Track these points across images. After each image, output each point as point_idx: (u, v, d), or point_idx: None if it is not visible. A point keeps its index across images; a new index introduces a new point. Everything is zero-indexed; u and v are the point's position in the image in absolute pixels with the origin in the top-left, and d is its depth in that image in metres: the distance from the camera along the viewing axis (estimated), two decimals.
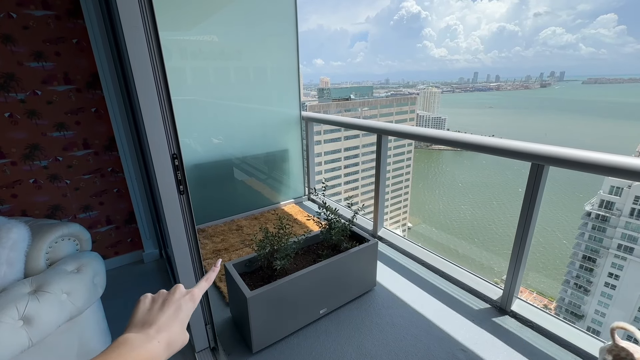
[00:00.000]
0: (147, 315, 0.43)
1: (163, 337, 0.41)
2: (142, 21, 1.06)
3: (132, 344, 0.38)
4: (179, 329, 0.44)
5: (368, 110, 42.02)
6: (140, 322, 0.42)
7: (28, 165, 2.02)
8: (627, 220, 18.35)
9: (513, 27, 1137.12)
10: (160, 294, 0.47)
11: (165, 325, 0.42)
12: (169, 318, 0.43)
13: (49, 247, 1.46)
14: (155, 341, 0.40)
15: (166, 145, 1.20)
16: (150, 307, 0.45)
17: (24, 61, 1.89)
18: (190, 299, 0.47)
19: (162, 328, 0.42)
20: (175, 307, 0.45)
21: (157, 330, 0.41)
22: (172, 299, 0.46)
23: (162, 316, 0.43)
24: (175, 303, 0.45)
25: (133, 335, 0.40)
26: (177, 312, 0.45)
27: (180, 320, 0.44)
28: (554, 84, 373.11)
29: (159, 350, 0.40)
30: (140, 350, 0.38)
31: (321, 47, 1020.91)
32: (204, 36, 2.64)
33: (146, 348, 0.39)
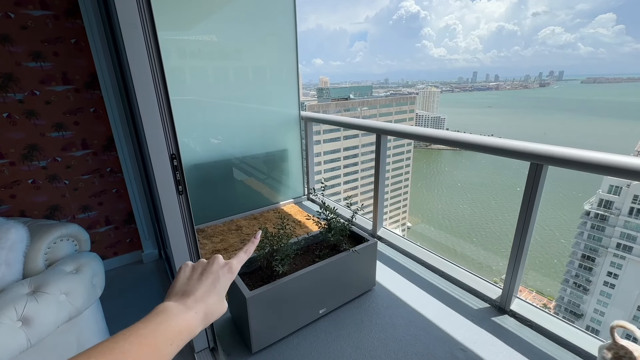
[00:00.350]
0: (186, 285, 0.44)
1: (201, 308, 0.42)
2: (140, 20, 1.06)
3: (171, 313, 0.38)
4: (216, 300, 0.44)
5: (367, 110, 42.02)
6: (179, 292, 0.43)
7: (27, 165, 2.01)
8: (626, 219, 18.39)
9: (512, 27, 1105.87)
10: (200, 264, 0.47)
11: (203, 296, 0.43)
12: (207, 289, 0.44)
13: (48, 247, 1.46)
14: (192, 311, 0.41)
15: (165, 146, 1.19)
16: (189, 276, 0.45)
17: (22, 61, 1.88)
18: (228, 270, 0.47)
19: (199, 299, 0.42)
20: (213, 278, 0.45)
21: (195, 301, 0.42)
22: (211, 269, 0.46)
23: (201, 287, 0.43)
24: (214, 274, 0.46)
25: (172, 304, 0.40)
26: (215, 283, 0.45)
27: (218, 292, 0.45)
28: (552, 84, 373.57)
29: (197, 320, 0.41)
30: (179, 319, 0.38)
31: (320, 46, 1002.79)
32: (203, 36, 2.63)
33: (184, 318, 0.39)
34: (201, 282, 0.44)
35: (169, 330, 0.36)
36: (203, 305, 0.42)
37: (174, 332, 0.37)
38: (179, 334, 0.37)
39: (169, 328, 0.36)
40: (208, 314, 0.43)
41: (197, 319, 0.41)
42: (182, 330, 0.38)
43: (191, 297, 0.42)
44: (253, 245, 0.54)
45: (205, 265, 0.47)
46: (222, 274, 0.47)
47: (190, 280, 0.45)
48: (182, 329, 0.38)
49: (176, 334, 0.37)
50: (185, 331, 0.38)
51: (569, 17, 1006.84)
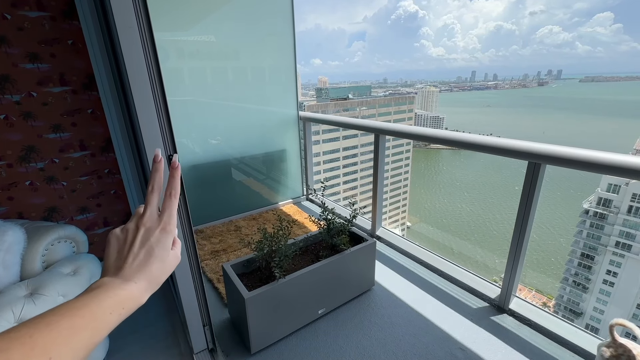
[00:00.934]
0: (118, 259, 0.41)
1: (140, 277, 0.40)
2: (136, 21, 1.05)
3: (107, 286, 0.37)
4: (157, 267, 0.41)
5: (366, 110, 42.05)
6: (113, 267, 0.40)
7: (24, 167, 2.01)
8: (625, 217, 18.43)
9: (510, 26, 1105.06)
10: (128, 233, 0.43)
11: (140, 266, 0.40)
12: (141, 261, 0.41)
13: (45, 249, 1.45)
14: (132, 282, 0.39)
15: (162, 147, 1.19)
16: (119, 249, 0.42)
17: (19, 62, 1.88)
18: (161, 232, 0.43)
19: (136, 270, 0.40)
20: (146, 249, 0.41)
21: (131, 273, 0.39)
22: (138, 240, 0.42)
23: (133, 261, 0.40)
24: (144, 245, 0.42)
25: (108, 278, 0.38)
26: (149, 252, 0.41)
27: (156, 257, 0.42)
28: (551, 83, 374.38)
29: (139, 289, 0.39)
30: (117, 290, 0.37)
31: (319, 46, 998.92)
32: (202, 36, 2.63)
33: (123, 288, 0.37)
34: (133, 256, 0.41)
35: (106, 301, 0.35)
36: (142, 274, 0.40)
37: (113, 302, 0.35)
38: (119, 303, 0.36)
39: (106, 299, 0.35)
40: (153, 279, 0.41)
41: (140, 287, 0.39)
42: (122, 300, 0.36)
43: (126, 269, 0.39)
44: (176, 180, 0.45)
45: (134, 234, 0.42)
46: (155, 239, 0.42)
47: (122, 252, 0.41)
48: (122, 299, 0.37)
49: (115, 304, 0.35)
50: (126, 300, 0.37)
51: (567, 16, 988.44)
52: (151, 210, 0.44)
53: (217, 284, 2.07)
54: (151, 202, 0.44)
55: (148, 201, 0.44)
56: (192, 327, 1.50)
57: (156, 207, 0.45)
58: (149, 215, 0.44)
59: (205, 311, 1.50)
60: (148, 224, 0.43)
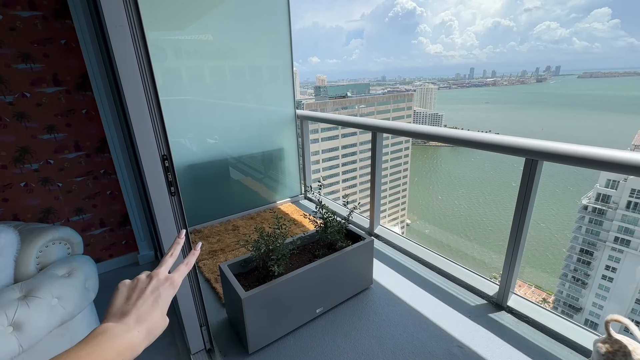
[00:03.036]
0: (125, 305, 0.42)
1: (143, 327, 0.41)
2: (127, 20, 1.04)
3: (111, 333, 0.38)
4: (159, 317, 0.43)
5: (365, 108, 42.00)
6: (118, 313, 0.42)
7: (18, 168, 1.99)
8: (623, 213, 18.48)
9: (508, 23, 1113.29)
10: (138, 282, 0.46)
11: (145, 314, 0.42)
12: (148, 307, 0.43)
13: (39, 251, 1.44)
14: (134, 331, 0.40)
15: (155, 147, 1.18)
16: (127, 295, 0.44)
17: (11, 63, 1.85)
18: (170, 285, 0.46)
19: (141, 317, 0.41)
20: (154, 296, 0.44)
21: (136, 320, 0.41)
22: (151, 287, 0.45)
23: (142, 306, 0.42)
24: (154, 292, 0.44)
25: (112, 324, 0.39)
26: (157, 300, 0.44)
27: (160, 307, 0.44)
28: (549, 79, 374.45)
29: (139, 339, 0.40)
30: (120, 339, 0.38)
31: (316, 45, 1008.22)
32: (198, 35, 2.61)
33: (126, 337, 0.38)
34: (142, 300, 0.43)
35: (108, 352, 0.36)
36: (145, 324, 0.41)
37: (115, 353, 0.36)
38: (120, 355, 0.37)
39: (109, 349, 0.36)
40: (151, 331, 0.42)
41: (140, 337, 0.40)
42: (122, 351, 0.37)
43: (132, 317, 0.41)
44: (194, 257, 0.52)
45: (145, 283, 0.45)
46: (164, 289, 0.45)
47: (130, 299, 0.43)
48: (123, 349, 0.37)
49: (116, 354, 0.36)
50: (126, 351, 0.37)
51: (564, 12, 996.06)
52: (165, 268, 0.49)
53: (215, 284, 2.06)
54: (167, 263, 0.49)
55: (164, 262, 0.49)
56: (190, 328, 1.49)
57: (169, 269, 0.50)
58: (163, 270, 0.48)
59: (202, 311, 1.50)
60: (160, 277, 0.47)
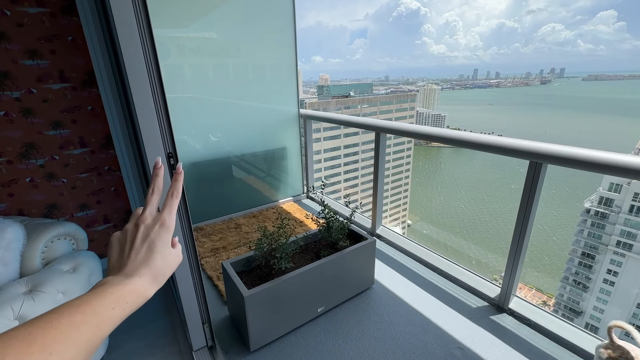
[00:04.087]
0: (120, 259, 0.42)
1: (143, 271, 0.40)
2: (135, 18, 1.04)
3: (110, 283, 0.37)
4: (160, 262, 0.42)
5: (368, 108, 41.96)
6: (115, 267, 0.41)
7: (24, 164, 2.01)
8: (626, 217, 18.39)
9: (512, 24, 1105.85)
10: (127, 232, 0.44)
11: (143, 262, 0.41)
12: (144, 256, 0.42)
13: (45, 246, 1.46)
14: (135, 277, 0.39)
15: (161, 144, 1.19)
16: (120, 249, 0.43)
17: (18, 59, 1.87)
18: (161, 227, 0.44)
19: (139, 265, 0.41)
20: (147, 243, 0.42)
21: (134, 268, 0.40)
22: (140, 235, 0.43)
23: (135, 257, 0.41)
24: (145, 240, 0.43)
25: (110, 277, 0.39)
26: (151, 247, 0.42)
27: (159, 252, 0.43)
28: (554, 81, 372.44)
29: (143, 283, 0.40)
30: (119, 286, 0.37)
31: (320, 44, 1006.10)
32: (203, 33, 2.62)
33: (126, 283, 0.38)
34: (134, 252, 0.42)
35: (107, 297, 0.35)
36: (146, 269, 0.41)
37: (115, 297, 0.36)
38: (122, 298, 0.36)
39: (108, 295, 0.36)
40: (157, 274, 0.41)
41: (143, 281, 0.40)
42: (124, 295, 0.37)
43: (129, 268, 0.40)
44: (178, 183, 0.47)
45: (133, 232, 0.43)
46: (155, 234, 0.43)
47: (122, 252, 0.42)
48: (125, 293, 0.37)
49: (118, 299, 0.36)
50: (129, 294, 0.37)
51: (569, 14, 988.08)
52: (150, 209, 0.45)
53: (217, 282, 2.07)
54: (151, 202, 0.46)
55: (148, 201, 0.46)
56: (192, 325, 1.51)
57: (156, 207, 0.46)
58: (148, 213, 0.45)
59: (204, 309, 1.51)
60: (147, 221, 0.44)
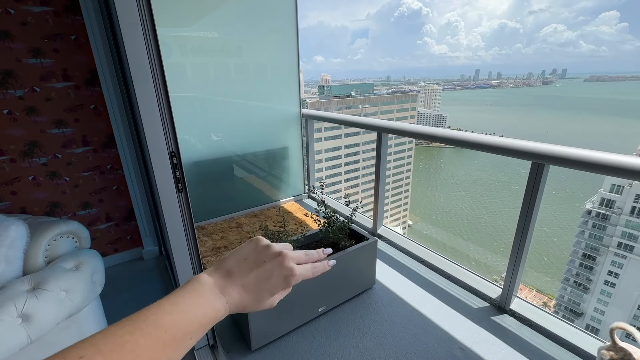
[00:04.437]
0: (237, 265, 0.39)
1: (234, 300, 0.37)
2: (139, 18, 1.05)
3: (201, 291, 0.35)
4: (253, 300, 0.38)
5: (369, 108, 41.94)
6: (226, 269, 0.39)
7: (27, 162, 2.01)
8: (627, 218, 18.35)
9: (514, 24, 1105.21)
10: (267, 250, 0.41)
11: (243, 289, 0.38)
12: (250, 285, 0.38)
13: (48, 244, 1.46)
14: (223, 301, 0.36)
15: (164, 144, 1.19)
16: (247, 256, 0.40)
17: (22, 58, 1.87)
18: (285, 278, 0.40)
19: (237, 291, 0.37)
20: (265, 277, 0.39)
21: (232, 290, 0.37)
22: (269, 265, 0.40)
23: (247, 278, 0.38)
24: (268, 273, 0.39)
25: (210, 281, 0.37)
26: (261, 283, 0.39)
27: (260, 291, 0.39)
28: (555, 82, 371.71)
29: (223, 311, 0.36)
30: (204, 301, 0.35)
31: (321, 43, 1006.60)
32: (205, 32, 2.62)
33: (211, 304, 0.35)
34: (252, 274, 0.39)
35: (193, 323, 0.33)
36: (238, 299, 0.37)
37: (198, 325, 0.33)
38: (202, 327, 0.34)
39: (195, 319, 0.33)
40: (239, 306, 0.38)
41: (225, 310, 0.37)
42: (205, 323, 0.34)
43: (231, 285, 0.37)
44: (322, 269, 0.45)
45: (269, 257, 0.40)
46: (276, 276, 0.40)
47: (245, 262, 0.39)
48: (207, 321, 0.34)
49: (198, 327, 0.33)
50: (208, 323, 0.34)
51: (572, 15, 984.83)
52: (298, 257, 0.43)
53: None
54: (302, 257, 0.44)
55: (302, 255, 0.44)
56: None
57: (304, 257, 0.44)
58: (297, 254, 0.43)
59: None
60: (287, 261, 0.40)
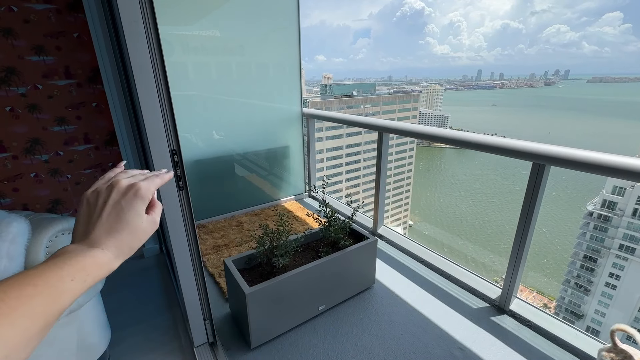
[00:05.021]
0: (87, 224, 0.40)
1: (108, 244, 0.38)
2: (141, 15, 1.05)
3: (70, 253, 0.36)
4: (126, 232, 0.40)
5: (370, 107, 41.90)
6: (81, 233, 0.39)
7: (29, 159, 2.02)
8: (629, 220, 18.28)
9: (517, 25, 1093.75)
10: (99, 194, 0.41)
11: (108, 232, 0.39)
12: (110, 224, 0.39)
13: (49, 241, 1.46)
14: (98, 249, 0.38)
15: (165, 142, 1.19)
16: (88, 212, 0.41)
17: (24, 55, 1.88)
18: (134, 195, 0.41)
19: (104, 235, 0.38)
20: (117, 210, 0.40)
21: (98, 238, 0.38)
22: (111, 200, 0.40)
23: (102, 224, 0.39)
24: (115, 206, 0.40)
25: (73, 246, 0.38)
26: (120, 215, 0.40)
27: (127, 223, 0.40)
28: (558, 83, 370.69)
29: (107, 255, 0.38)
30: (80, 257, 0.36)
31: (323, 43, 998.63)
32: (206, 31, 2.62)
33: (88, 255, 0.36)
34: (102, 219, 0.39)
35: (66, 269, 0.34)
36: (111, 241, 0.39)
37: (74, 270, 0.34)
38: (82, 270, 0.35)
39: (67, 267, 0.34)
40: (123, 246, 0.39)
41: (107, 254, 0.38)
42: (85, 267, 0.35)
43: (92, 236, 0.38)
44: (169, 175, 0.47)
45: (105, 196, 0.41)
46: (126, 202, 0.40)
47: (91, 217, 0.40)
48: (86, 265, 0.35)
49: (77, 271, 0.34)
50: (91, 267, 0.36)
51: (575, 16, 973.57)
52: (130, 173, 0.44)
53: (218, 279, 2.08)
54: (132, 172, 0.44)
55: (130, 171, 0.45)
56: (193, 321, 1.51)
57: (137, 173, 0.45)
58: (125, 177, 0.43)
59: (206, 305, 1.52)
60: (121, 185, 0.41)
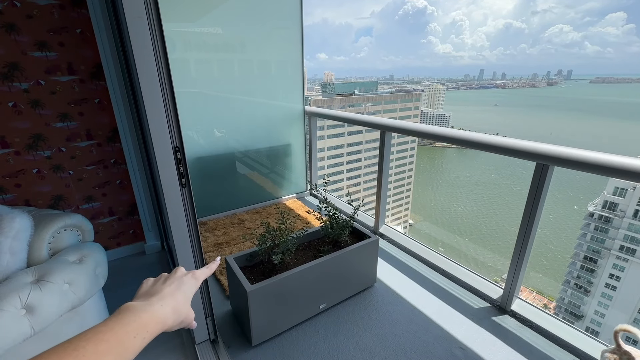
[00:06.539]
0: (151, 288, 0.45)
1: (167, 303, 0.42)
2: (145, 12, 1.05)
3: (134, 309, 0.39)
4: (182, 300, 0.45)
5: (372, 106, 41.81)
6: (143, 294, 0.44)
7: (31, 155, 2.02)
8: (630, 221, 18.24)
9: (519, 24, 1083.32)
10: (162, 275, 0.49)
11: (169, 294, 0.44)
12: (172, 290, 0.45)
13: (52, 237, 1.47)
14: (158, 305, 0.41)
15: (168, 138, 1.19)
16: (153, 283, 0.46)
17: (27, 51, 1.88)
18: (192, 276, 0.49)
19: (165, 296, 0.43)
20: (177, 282, 0.47)
21: (160, 298, 0.42)
22: (174, 276, 0.48)
23: (165, 288, 0.45)
24: (178, 279, 0.47)
25: (135, 302, 0.41)
26: (180, 286, 0.46)
27: (184, 292, 0.46)
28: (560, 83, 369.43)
29: (165, 312, 0.41)
30: (142, 313, 0.38)
31: (325, 41, 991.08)
32: (209, 28, 2.61)
33: (149, 310, 0.39)
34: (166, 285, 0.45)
35: (131, 325, 0.36)
36: (170, 301, 0.43)
37: (137, 326, 0.37)
38: (144, 326, 0.37)
39: (131, 323, 0.37)
40: (177, 310, 0.43)
41: (165, 311, 0.41)
42: (147, 323, 0.38)
43: (155, 296, 0.43)
44: (215, 265, 0.56)
45: (169, 275, 0.49)
46: (187, 279, 0.48)
47: (154, 285, 0.46)
48: (147, 322, 0.38)
49: (140, 327, 0.37)
50: (151, 323, 0.38)
51: (578, 15, 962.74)
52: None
53: (220, 276, 2.08)
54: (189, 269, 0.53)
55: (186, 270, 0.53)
56: (195, 318, 1.51)
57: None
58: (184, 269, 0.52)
59: (207, 303, 1.52)
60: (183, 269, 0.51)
